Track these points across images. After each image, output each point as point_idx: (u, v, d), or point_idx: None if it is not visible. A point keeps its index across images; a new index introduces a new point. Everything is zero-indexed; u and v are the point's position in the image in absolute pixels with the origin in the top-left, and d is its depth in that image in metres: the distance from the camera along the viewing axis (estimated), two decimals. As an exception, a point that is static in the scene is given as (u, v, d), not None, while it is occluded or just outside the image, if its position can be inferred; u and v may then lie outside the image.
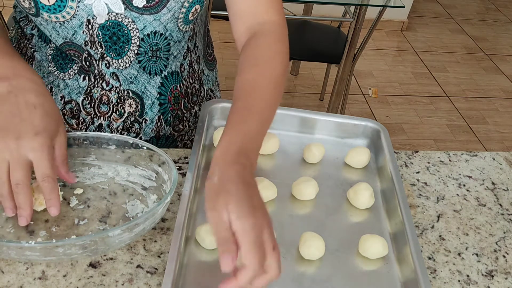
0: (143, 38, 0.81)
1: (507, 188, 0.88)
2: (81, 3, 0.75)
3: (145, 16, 0.78)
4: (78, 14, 0.77)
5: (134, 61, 0.84)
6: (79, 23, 0.78)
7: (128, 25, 0.79)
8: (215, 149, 0.83)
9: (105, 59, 0.83)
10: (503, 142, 2.70)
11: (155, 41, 0.82)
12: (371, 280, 0.67)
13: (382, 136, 0.86)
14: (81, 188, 0.75)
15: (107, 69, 0.84)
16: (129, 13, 0.78)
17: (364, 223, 0.75)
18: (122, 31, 0.80)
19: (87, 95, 0.86)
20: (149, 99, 0.88)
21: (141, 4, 0.77)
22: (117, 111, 0.87)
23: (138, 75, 0.86)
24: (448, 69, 3.29)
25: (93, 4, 0.76)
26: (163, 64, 0.87)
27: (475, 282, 0.71)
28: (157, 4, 0.77)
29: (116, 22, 0.78)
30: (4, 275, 0.63)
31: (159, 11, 0.78)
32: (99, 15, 0.77)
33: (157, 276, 0.65)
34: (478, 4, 4.30)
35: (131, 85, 0.86)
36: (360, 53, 2.23)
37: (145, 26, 0.80)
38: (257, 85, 0.71)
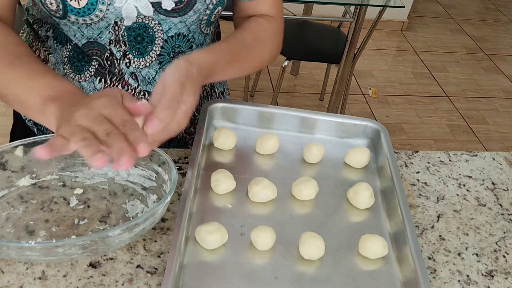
0: (166, 40, 0.82)
1: (507, 188, 0.88)
2: (111, 6, 0.76)
3: (171, 18, 0.80)
4: (106, 16, 0.77)
5: (155, 61, 0.85)
6: (106, 25, 0.79)
7: (154, 27, 0.80)
8: (216, 150, 0.84)
9: (127, 57, 0.83)
10: (503, 142, 2.70)
11: (178, 43, 0.84)
12: (371, 280, 0.67)
13: (382, 136, 0.86)
14: (81, 188, 0.75)
15: (127, 69, 0.84)
16: (157, 15, 0.79)
17: (364, 223, 0.75)
18: (147, 32, 0.81)
19: None
20: None
21: (170, 7, 0.78)
22: None
23: (156, 76, 0.86)
24: (448, 69, 3.29)
25: (123, 7, 0.76)
26: None
27: (475, 282, 0.71)
28: (185, 7, 0.79)
29: (143, 24, 0.80)
30: (4, 275, 0.63)
31: (186, 13, 0.80)
32: (128, 17, 0.78)
33: (157, 276, 0.65)
34: (478, 4, 4.30)
35: (149, 86, 0.87)
36: (360, 53, 2.23)
37: (170, 27, 0.81)
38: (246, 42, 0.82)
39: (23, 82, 0.64)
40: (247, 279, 0.65)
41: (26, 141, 0.73)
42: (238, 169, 0.81)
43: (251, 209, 0.75)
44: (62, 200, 0.73)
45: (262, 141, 0.84)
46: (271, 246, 0.69)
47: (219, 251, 0.68)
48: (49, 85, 0.64)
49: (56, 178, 0.75)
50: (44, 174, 0.75)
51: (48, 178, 0.75)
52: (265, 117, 0.89)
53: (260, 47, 0.85)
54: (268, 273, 0.66)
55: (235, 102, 0.89)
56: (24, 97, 0.64)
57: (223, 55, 0.75)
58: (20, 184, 0.73)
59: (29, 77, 0.64)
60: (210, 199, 0.75)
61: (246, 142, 0.86)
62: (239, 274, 0.66)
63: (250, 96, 2.72)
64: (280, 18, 0.90)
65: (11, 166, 0.74)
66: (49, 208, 0.71)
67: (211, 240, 0.66)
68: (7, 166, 0.74)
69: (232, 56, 0.77)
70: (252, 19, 0.87)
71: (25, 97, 0.64)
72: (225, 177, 0.75)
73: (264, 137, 0.84)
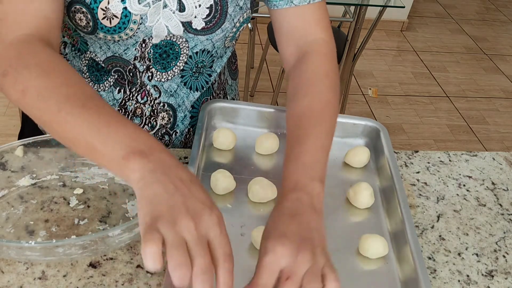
0: (191, 56, 0.82)
1: (507, 188, 0.88)
2: (142, 25, 0.75)
3: (199, 36, 0.79)
4: (136, 34, 0.76)
5: (178, 75, 0.84)
6: (134, 42, 0.78)
7: (180, 44, 0.80)
8: (216, 150, 0.84)
9: (150, 70, 0.83)
10: (503, 142, 2.70)
11: (201, 58, 0.83)
12: (371, 280, 0.67)
13: (382, 136, 0.86)
14: (81, 188, 0.75)
15: (149, 81, 0.84)
16: (186, 34, 0.78)
17: (364, 222, 0.75)
18: (173, 49, 0.80)
19: (122, 108, 0.86)
20: (182, 112, 0.89)
21: (200, 26, 0.77)
22: (149, 124, 0.87)
23: (178, 89, 0.86)
24: (448, 69, 3.29)
25: (154, 26, 0.75)
26: (205, 81, 0.88)
27: (475, 282, 0.71)
28: (214, 26, 0.78)
29: (170, 41, 0.79)
30: (4, 275, 0.63)
31: (214, 32, 0.79)
32: (157, 36, 0.77)
33: (157, 276, 0.65)
34: (478, 4, 4.30)
35: (170, 98, 0.86)
36: (360, 53, 2.23)
37: (196, 44, 0.80)
38: (310, 113, 0.71)
39: (101, 129, 0.55)
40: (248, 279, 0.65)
41: (26, 141, 0.74)
42: (238, 169, 0.81)
43: (251, 209, 0.75)
44: (62, 200, 0.73)
45: (262, 141, 0.84)
46: (271, 246, 0.68)
47: (219, 251, 0.68)
48: (131, 137, 0.55)
49: (56, 178, 0.75)
50: (44, 174, 0.75)
51: (48, 178, 0.75)
52: (264, 117, 0.89)
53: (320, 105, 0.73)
54: (268, 273, 0.66)
55: (234, 102, 0.89)
56: (100, 146, 0.55)
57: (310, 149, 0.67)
58: (20, 184, 0.73)
59: (108, 125, 0.55)
60: (210, 199, 0.75)
61: (246, 142, 0.86)
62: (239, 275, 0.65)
63: (250, 96, 2.72)
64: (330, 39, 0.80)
65: (11, 166, 0.74)
66: (49, 208, 0.71)
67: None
68: (7, 166, 0.74)
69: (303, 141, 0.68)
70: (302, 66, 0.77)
71: (102, 146, 0.55)
72: (225, 177, 0.75)
73: (263, 137, 0.84)
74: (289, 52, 0.81)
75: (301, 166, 0.64)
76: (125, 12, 0.72)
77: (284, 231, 0.56)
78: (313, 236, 0.57)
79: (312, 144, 0.67)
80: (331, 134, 0.71)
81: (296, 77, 0.77)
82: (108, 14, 0.72)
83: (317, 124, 0.70)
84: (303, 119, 0.71)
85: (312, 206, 0.60)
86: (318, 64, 0.77)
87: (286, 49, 0.81)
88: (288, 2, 0.78)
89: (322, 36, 0.80)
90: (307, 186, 0.62)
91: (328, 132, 0.70)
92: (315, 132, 0.69)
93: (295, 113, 0.72)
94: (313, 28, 0.80)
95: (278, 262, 0.54)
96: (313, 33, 0.80)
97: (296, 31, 0.80)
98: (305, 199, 0.61)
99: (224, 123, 0.89)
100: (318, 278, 0.54)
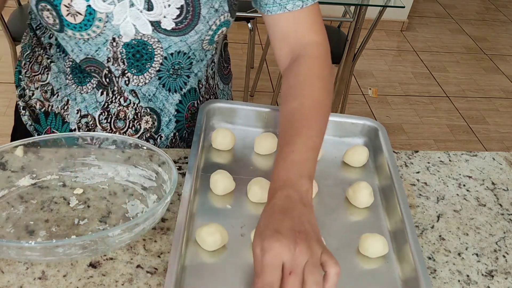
0: (166, 57, 0.81)
1: (507, 188, 0.88)
2: (108, 24, 0.75)
3: (172, 37, 0.78)
4: (104, 33, 0.76)
5: (155, 77, 0.83)
6: (103, 41, 0.77)
7: (153, 44, 0.79)
8: (215, 150, 0.84)
9: (126, 75, 0.82)
10: (503, 142, 2.70)
11: (177, 60, 0.82)
12: (371, 279, 0.67)
13: (380, 135, 0.86)
14: (81, 188, 0.75)
15: (126, 86, 0.83)
16: (157, 34, 0.77)
17: (363, 222, 0.75)
18: (146, 49, 0.79)
19: (104, 110, 0.85)
20: (167, 116, 0.88)
21: (170, 27, 0.76)
22: (133, 127, 0.87)
23: (157, 92, 0.85)
24: (448, 69, 3.29)
25: (121, 25, 0.75)
26: (183, 82, 0.87)
27: (475, 282, 0.71)
28: (185, 27, 0.77)
29: (142, 41, 0.78)
30: (4, 275, 0.63)
31: (187, 33, 0.78)
32: (126, 35, 0.77)
33: (157, 276, 0.65)
34: (478, 4, 4.30)
35: (150, 103, 0.86)
36: (360, 53, 2.23)
37: (170, 45, 0.79)
38: (301, 114, 0.73)
39: None
40: (248, 279, 0.65)
41: (26, 141, 0.74)
42: (237, 170, 0.81)
43: (251, 209, 0.75)
44: (62, 200, 0.73)
45: (261, 141, 0.84)
46: (271, 246, 0.68)
47: (219, 252, 0.68)
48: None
49: (56, 178, 0.75)
50: (44, 174, 0.75)
51: (48, 178, 0.75)
52: (263, 117, 0.89)
53: (313, 106, 0.75)
54: (268, 273, 0.66)
55: (233, 102, 0.89)
56: None
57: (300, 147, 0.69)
58: (20, 184, 0.73)
59: None
60: (210, 200, 0.75)
61: (245, 142, 0.86)
62: (240, 275, 0.66)
63: (250, 96, 2.72)
64: (324, 41, 0.82)
65: (11, 166, 0.74)
66: (49, 208, 0.72)
67: (211, 241, 0.66)
68: (7, 166, 0.74)
69: (294, 140, 0.70)
70: (295, 69, 0.79)
71: None
72: (224, 178, 0.75)
73: (262, 137, 0.84)
74: (283, 54, 0.82)
75: (290, 165, 0.66)
76: (89, 9, 0.72)
77: (278, 228, 0.58)
78: (307, 229, 0.59)
79: (302, 144, 0.69)
80: (321, 134, 0.73)
81: (290, 79, 0.79)
82: (71, 11, 0.72)
83: (308, 125, 0.71)
84: (294, 119, 0.72)
85: (301, 201, 0.62)
86: (311, 67, 0.78)
87: (281, 51, 0.83)
88: (281, 8, 0.79)
89: (316, 39, 0.81)
90: (296, 184, 0.64)
91: (318, 133, 0.72)
92: (306, 132, 0.70)
93: (287, 113, 0.74)
94: (306, 31, 0.81)
95: (278, 259, 0.55)
96: (306, 36, 0.81)
97: (290, 35, 0.81)
98: (294, 195, 0.63)
99: (223, 124, 0.89)
100: (319, 268, 0.56)
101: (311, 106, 0.74)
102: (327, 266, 0.57)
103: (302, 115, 0.73)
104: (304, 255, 0.56)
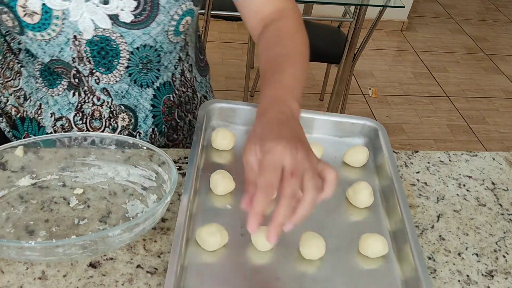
0: (132, 52, 0.80)
1: (507, 188, 0.88)
2: (66, 21, 0.74)
3: (133, 30, 0.77)
4: (63, 31, 0.75)
5: (125, 74, 0.82)
6: (65, 40, 0.77)
7: (116, 40, 0.78)
8: (215, 150, 0.84)
9: (95, 74, 0.81)
10: (503, 142, 2.70)
11: (145, 53, 0.81)
12: (372, 279, 0.67)
13: (380, 135, 0.86)
14: (81, 188, 0.75)
15: (97, 85, 0.82)
16: (117, 28, 0.76)
17: (364, 222, 0.75)
18: (110, 46, 0.78)
19: (78, 111, 0.85)
20: (143, 112, 0.87)
21: (129, 19, 0.75)
22: (109, 126, 0.86)
23: (129, 89, 0.84)
24: (448, 69, 3.29)
25: (79, 21, 0.74)
26: (155, 76, 0.86)
27: (475, 282, 0.71)
28: (146, 19, 0.76)
29: (104, 37, 0.77)
30: (4, 275, 0.63)
31: (148, 25, 0.77)
32: (86, 31, 0.76)
33: (157, 276, 0.65)
34: (478, 4, 4.30)
35: (123, 100, 0.85)
36: (360, 53, 2.23)
37: (134, 40, 0.78)
38: (283, 57, 0.76)
39: None
40: (248, 280, 0.65)
41: (26, 141, 0.74)
42: (237, 170, 0.80)
43: (251, 209, 0.75)
44: (62, 200, 0.73)
45: (262, 141, 0.84)
46: (271, 246, 0.69)
47: (219, 252, 0.68)
48: None
49: (56, 178, 0.75)
50: (44, 174, 0.75)
51: (48, 178, 0.75)
52: (265, 117, 0.88)
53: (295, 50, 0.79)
54: (269, 274, 0.66)
55: (233, 102, 0.89)
56: None
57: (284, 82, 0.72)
58: (20, 184, 0.73)
59: None
60: (210, 200, 0.75)
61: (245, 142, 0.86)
62: (240, 275, 0.66)
63: (250, 96, 2.72)
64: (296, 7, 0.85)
65: (11, 166, 0.74)
66: (49, 208, 0.72)
67: (211, 241, 0.66)
68: (7, 166, 0.74)
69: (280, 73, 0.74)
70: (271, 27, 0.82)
71: None
72: (224, 178, 0.75)
73: (263, 137, 0.84)
74: (256, 22, 0.84)
75: (280, 87, 0.70)
76: (45, 8, 0.72)
77: (280, 134, 0.60)
78: (305, 140, 0.63)
79: (290, 76, 0.72)
80: (305, 74, 0.77)
81: (267, 34, 0.81)
82: (27, 11, 0.72)
83: (292, 64, 0.75)
84: (278, 60, 0.75)
85: (293, 117, 0.66)
86: (288, 24, 0.82)
87: (253, 23, 0.85)
88: None
89: (287, 5, 0.84)
90: (287, 101, 0.67)
91: (302, 71, 0.76)
92: (291, 69, 0.74)
93: (269, 58, 0.77)
94: (278, 1, 0.84)
95: (280, 160, 0.58)
96: (278, 4, 0.84)
97: (263, 8, 0.84)
98: (287, 111, 0.66)
99: (222, 123, 0.89)
100: (317, 174, 0.60)
101: (294, 51, 0.77)
102: (325, 172, 0.60)
103: (286, 57, 0.76)
104: (305, 161, 0.58)
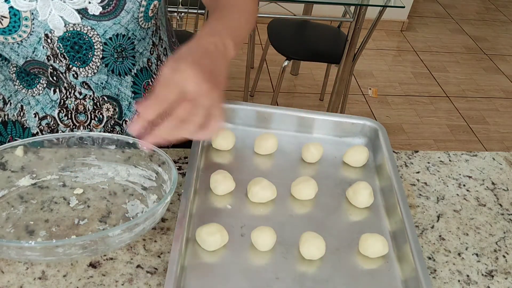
0: (105, 42, 0.80)
1: (507, 188, 0.88)
2: (35, 21, 0.74)
3: (104, 22, 0.77)
4: (34, 31, 0.75)
5: (101, 65, 0.82)
6: (37, 39, 0.76)
7: (88, 33, 0.78)
8: (215, 151, 0.84)
9: (72, 70, 0.81)
10: (503, 142, 2.70)
11: (118, 43, 0.81)
12: (372, 279, 0.67)
13: (380, 135, 0.86)
14: (81, 188, 0.75)
15: (76, 80, 0.82)
16: (87, 21, 0.76)
17: (364, 222, 0.75)
18: (83, 39, 0.78)
19: (62, 108, 0.85)
20: (125, 100, 0.88)
21: (97, 11, 0.75)
22: (95, 118, 0.86)
23: (108, 79, 0.84)
24: (448, 69, 3.29)
25: (48, 19, 0.74)
26: (131, 63, 0.86)
27: (475, 282, 0.71)
28: (114, 9, 0.76)
29: (75, 32, 0.77)
30: (4, 275, 0.63)
31: (118, 15, 0.77)
32: (56, 28, 0.76)
33: (157, 276, 0.65)
34: (478, 4, 4.30)
35: (104, 90, 0.85)
36: (360, 53, 2.23)
37: (106, 31, 0.78)
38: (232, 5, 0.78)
39: None
40: (248, 280, 0.65)
41: (26, 141, 0.74)
42: (237, 170, 0.81)
43: (251, 209, 0.75)
44: (62, 200, 0.73)
45: (261, 141, 0.84)
46: (271, 246, 0.69)
47: (219, 252, 0.68)
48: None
49: (56, 178, 0.75)
50: (44, 174, 0.75)
51: (48, 178, 0.75)
52: (263, 117, 0.89)
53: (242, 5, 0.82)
54: (269, 274, 0.66)
55: (233, 102, 0.89)
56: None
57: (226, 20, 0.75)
58: (20, 184, 0.73)
59: None
60: (210, 200, 0.75)
61: (245, 142, 0.86)
62: (240, 275, 0.66)
63: (250, 96, 2.72)
64: None
65: (11, 166, 0.74)
66: (49, 208, 0.72)
67: (211, 241, 0.66)
68: (7, 166, 0.74)
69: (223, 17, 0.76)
70: None
71: None
72: (224, 178, 0.75)
73: (262, 137, 0.84)
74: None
75: (222, 24, 0.72)
76: (12, 11, 0.72)
77: (199, 61, 0.60)
78: (220, 75, 0.62)
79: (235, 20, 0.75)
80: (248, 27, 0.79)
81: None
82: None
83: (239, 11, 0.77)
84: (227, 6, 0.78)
85: (224, 54, 0.66)
86: None
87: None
88: None
89: None
90: (224, 38, 0.68)
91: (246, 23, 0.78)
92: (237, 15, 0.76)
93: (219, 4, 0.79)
94: None
95: (185, 84, 0.58)
96: None
97: None
98: (220, 45, 0.66)
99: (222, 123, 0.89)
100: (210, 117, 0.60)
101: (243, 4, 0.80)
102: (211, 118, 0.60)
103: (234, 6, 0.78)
104: (208, 98, 0.58)
